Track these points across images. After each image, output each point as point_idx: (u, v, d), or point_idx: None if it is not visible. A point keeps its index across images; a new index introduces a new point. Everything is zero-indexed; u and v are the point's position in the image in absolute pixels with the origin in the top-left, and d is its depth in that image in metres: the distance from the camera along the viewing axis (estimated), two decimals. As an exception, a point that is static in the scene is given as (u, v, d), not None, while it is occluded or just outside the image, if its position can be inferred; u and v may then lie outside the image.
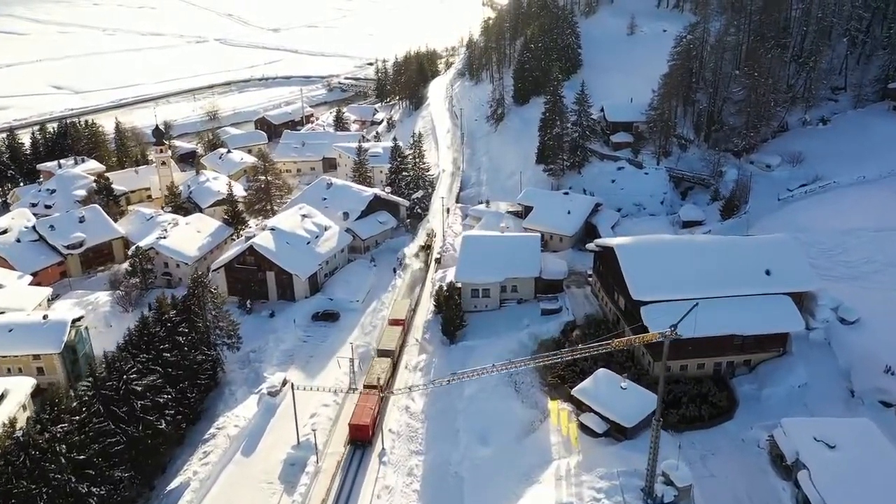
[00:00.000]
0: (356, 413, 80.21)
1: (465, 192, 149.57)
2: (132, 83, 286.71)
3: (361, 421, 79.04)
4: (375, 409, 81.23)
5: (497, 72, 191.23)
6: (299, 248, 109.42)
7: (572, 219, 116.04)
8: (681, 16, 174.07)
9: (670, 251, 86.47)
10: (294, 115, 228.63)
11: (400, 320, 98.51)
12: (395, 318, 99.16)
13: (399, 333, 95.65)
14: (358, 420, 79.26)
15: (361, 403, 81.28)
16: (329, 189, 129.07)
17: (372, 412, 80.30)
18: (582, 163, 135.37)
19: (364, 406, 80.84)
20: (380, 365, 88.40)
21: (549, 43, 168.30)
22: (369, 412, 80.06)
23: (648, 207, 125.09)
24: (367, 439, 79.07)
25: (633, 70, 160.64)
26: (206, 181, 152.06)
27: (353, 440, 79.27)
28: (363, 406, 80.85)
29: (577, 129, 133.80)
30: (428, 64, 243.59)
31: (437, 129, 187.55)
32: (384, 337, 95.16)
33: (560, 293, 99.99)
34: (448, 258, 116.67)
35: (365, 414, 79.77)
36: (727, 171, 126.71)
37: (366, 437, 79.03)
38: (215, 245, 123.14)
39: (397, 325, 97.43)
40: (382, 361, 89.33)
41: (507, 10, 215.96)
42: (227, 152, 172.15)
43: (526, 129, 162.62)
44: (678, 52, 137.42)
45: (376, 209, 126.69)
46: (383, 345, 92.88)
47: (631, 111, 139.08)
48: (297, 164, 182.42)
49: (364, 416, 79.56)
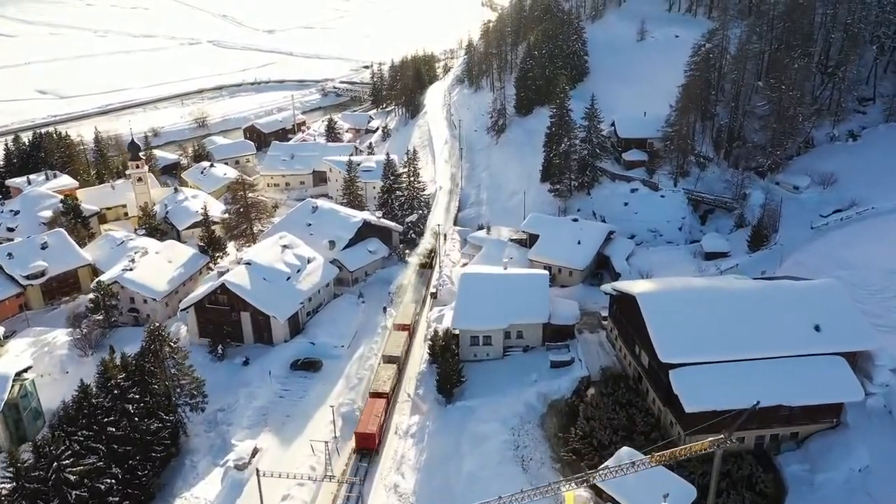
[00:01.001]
0: (362, 421, 76.67)
1: (463, 212, 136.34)
2: (120, 87, 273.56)
3: (368, 429, 75.20)
4: (382, 417, 77.66)
5: (498, 79, 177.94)
6: (278, 284, 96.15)
7: (583, 250, 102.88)
8: (694, 21, 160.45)
9: (702, 301, 73.21)
10: (285, 123, 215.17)
11: (406, 325, 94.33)
12: (401, 323, 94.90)
13: (405, 339, 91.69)
14: (364, 428, 75.43)
15: (367, 411, 77.91)
16: (314, 213, 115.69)
17: (378, 420, 76.63)
18: (591, 183, 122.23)
19: (370, 414, 77.12)
20: (385, 371, 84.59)
21: (554, 49, 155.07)
22: (375, 420, 76.25)
23: (665, 234, 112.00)
24: (374, 448, 75.21)
25: (645, 79, 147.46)
26: (184, 200, 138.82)
27: (360, 449, 75.23)
28: (369, 414, 77.23)
29: (587, 146, 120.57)
30: (425, 69, 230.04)
31: (434, 141, 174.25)
32: (390, 342, 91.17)
33: (571, 340, 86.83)
34: (445, 292, 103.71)
35: (371, 422, 75.93)
36: (751, 193, 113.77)
37: (372, 446, 75.08)
38: (188, 276, 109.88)
39: (403, 331, 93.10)
40: (388, 368, 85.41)
41: (509, 14, 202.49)
42: (210, 166, 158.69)
43: (529, 142, 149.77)
44: (696, 63, 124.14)
45: (366, 236, 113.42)
46: (389, 351, 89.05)
47: (645, 126, 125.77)
48: (286, 178, 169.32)
49: (370, 424, 75.77)
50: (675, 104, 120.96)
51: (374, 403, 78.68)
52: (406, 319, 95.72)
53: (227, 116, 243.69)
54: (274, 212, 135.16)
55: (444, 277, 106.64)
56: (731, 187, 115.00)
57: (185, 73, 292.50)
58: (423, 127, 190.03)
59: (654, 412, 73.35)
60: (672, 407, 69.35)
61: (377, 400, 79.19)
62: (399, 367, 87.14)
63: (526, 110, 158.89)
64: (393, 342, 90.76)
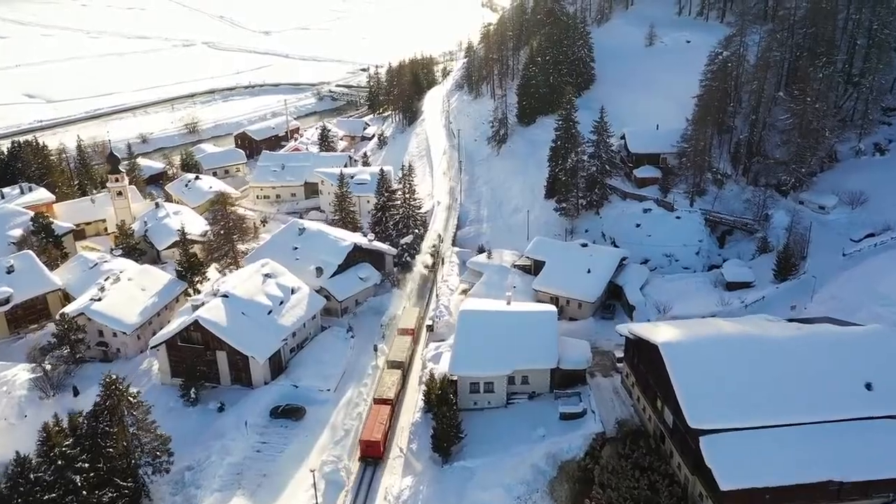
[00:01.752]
0: (367, 428, 74.23)
1: (462, 230, 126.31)
2: (110, 91, 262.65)
3: (373, 437, 72.77)
4: (387, 424, 75.04)
5: (499, 86, 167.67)
6: (258, 320, 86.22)
7: (593, 279, 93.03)
8: (706, 25, 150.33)
9: (735, 353, 63.40)
10: (278, 130, 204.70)
11: (410, 329, 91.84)
12: (405, 328, 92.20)
13: (409, 343, 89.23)
14: (369, 436, 73.00)
15: (372, 417, 75.35)
16: (301, 236, 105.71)
17: (383, 427, 74.06)
18: (600, 202, 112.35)
19: (375, 421, 74.50)
20: (390, 377, 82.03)
21: (558, 56, 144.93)
22: (381, 427, 73.69)
23: (682, 259, 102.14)
24: (380, 456, 72.72)
25: (655, 88, 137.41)
26: (165, 216, 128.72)
27: (365, 457, 72.81)
28: (374, 421, 74.62)
29: (595, 162, 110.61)
30: (423, 73, 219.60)
31: (432, 151, 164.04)
32: (394, 347, 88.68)
33: (583, 386, 77.03)
34: (443, 325, 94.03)
35: (376, 430, 73.38)
36: (774, 214, 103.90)
37: (377, 454, 72.73)
38: (164, 305, 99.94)
39: (407, 335, 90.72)
40: (393, 373, 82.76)
41: (510, 16, 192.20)
42: (195, 178, 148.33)
43: (532, 154, 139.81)
44: (712, 72, 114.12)
45: (356, 261, 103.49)
46: (393, 356, 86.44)
47: (658, 141, 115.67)
48: (276, 190, 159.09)
49: (376, 431, 73.22)
50: (692, 118, 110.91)
51: (378, 410, 76.05)
52: (410, 324, 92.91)
53: (219, 122, 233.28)
54: (258, 232, 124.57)
55: (441, 308, 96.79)
56: (751, 207, 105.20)
57: (179, 76, 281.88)
58: (420, 135, 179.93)
59: (679, 479, 63.51)
60: (702, 476, 59.62)
61: (382, 406, 76.56)
62: (404, 372, 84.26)
63: (528, 119, 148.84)
64: (397, 347, 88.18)
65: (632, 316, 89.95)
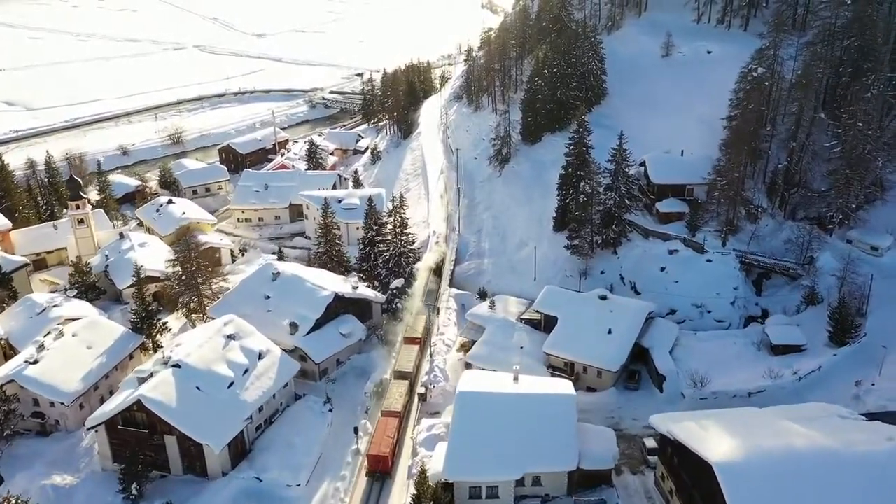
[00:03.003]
0: (375, 442, 70.74)
1: (462, 265, 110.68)
2: (94, 98, 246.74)
3: (381, 451, 69.55)
4: (395, 438, 71.66)
5: (501, 99, 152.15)
6: (217, 396, 70.82)
7: (615, 342, 77.54)
8: (728, 34, 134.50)
9: (811, 479, 47.99)
10: (265, 143, 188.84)
11: (416, 338, 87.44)
12: (412, 337, 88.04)
13: (416, 353, 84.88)
14: (377, 451, 69.69)
15: (380, 431, 71.84)
16: (275, 282, 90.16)
17: (391, 441, 70.79)
18: (618, 240, 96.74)
19: (383, 435, 71.18)
20: (397, 388, 78.50)
21: (566, 68, 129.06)
22: (388, 441, 70.50)
23: (715, 310, 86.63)
24: (388, 471, 69.47)
25: (674, 104, 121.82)
26: (129, 249, 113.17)
27: (372, 472, 69.44)
28: (382, 434, 71.26)
29: (613, 195, 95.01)
30: (420, 82, 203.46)
31: (429, 169, 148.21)
32: (400, 357, 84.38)
33: (608, 488, 61.69)
34: (438, 394, 78.70)
35: (384, 444, 70.20)
36: (819, 256, 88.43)
37: (385, 469, 69.45)
38: (114, 365, 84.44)
39: (414, 344, 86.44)
40: (400, 384, 79.27)
41: (512, 22, 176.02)
42: (168, 202, 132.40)
43: (538, 177, 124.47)
44: (746, 92, 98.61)
45: (338, 312, 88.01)
46: (400, 366, 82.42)
47: (683, 169, 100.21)
48: (259, 213, 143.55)
49: (383, 445, 70.07)
50: (724, 144, 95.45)
51: (386, 423, 72.71)
52: (416, 333, 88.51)
53: (205, 131, 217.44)
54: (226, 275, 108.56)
55: (437, 371, 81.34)
56: (793, 248, 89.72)
57: (167, 81, 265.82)
58: (416, 150, 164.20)
59: None
60: None
61: (389, 419, 73.20)
62: (411, 382, 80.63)
63: (534, 138, 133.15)
64: (404, 357, 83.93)
65: (661, 387, 74.66)
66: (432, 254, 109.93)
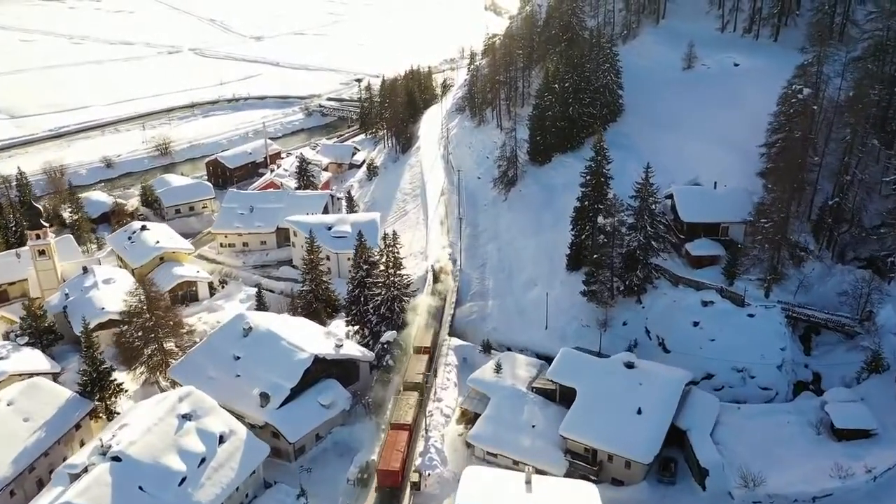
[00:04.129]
0: (385, 456, 66.97)
1: (463, 307, 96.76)
2: (82, 105, 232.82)
3: (391, 466, 65.70)
4: (405, 452, 67.80)
5: (507, 113, 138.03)
6: (164, 496, 57.08)
7: (647, 425, 63.47)
8: (755, 45, 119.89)
9: None
10: (255, 156, 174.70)
11: (426, 348, 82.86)
12: (421, 346, 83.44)
13: (426, 363, 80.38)
14: (387, 465, 65.90)
15: (389, 444, 68.19)
16: (247, 338, 76.32)
17: (401, 455, 66.96)
18: (643, 286, 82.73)
19: (392, 448, 67.52)
20: (407, 400, 74.24)
21: (579, 82, 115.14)
22: (398, 455, 66.77)
23: (759, 376, 72.81)
24: (398, 485, 65.54)
25: (700, 124, 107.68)
26: (92, 286, 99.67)
27: (383, 488, 65.39)
28: (391, 448, 67.58)
29: (637, 236, 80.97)
30: (420, 90, 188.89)
31: (428, 190, 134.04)
32: (409, 368, 79.53)
33: None
34: (434, 482, 64.88)
35: (394, 458, 66.45)
36: (880, 310, 74.48)
37: (396, 484, 65.48)
38: (56, 439, 70.79)
39: (423, 354, 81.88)
40: (410, 396, 74.99)
41: (518, 28, 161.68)
42: (142, 228, 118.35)
43: (548, 203, 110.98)
44: (789, 115, 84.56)
45: (318, 376, 74.17)
46: (409, 377, 77.93)
47: (716, 204, 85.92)
48: (243, 238, 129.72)
49: (394, 460, 66.23)
50: (767, 180, 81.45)
51: (396, 436, 69.14)
52: (425, 342, 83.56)
53: (195, 141, 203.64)
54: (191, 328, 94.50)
55: (432, 452, 67.55)
56: (848, 300, 75.70)
57: (159, 86, 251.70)
58: (415, 167, 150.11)
59: None
60: None
61: (399, 432, 69.58)
62: (421, 394, 76.17)
63: (543, 158, 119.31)
64: (413, 367, 79.38)
65: (703, 483, 60.72)
66: (429, 296, 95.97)
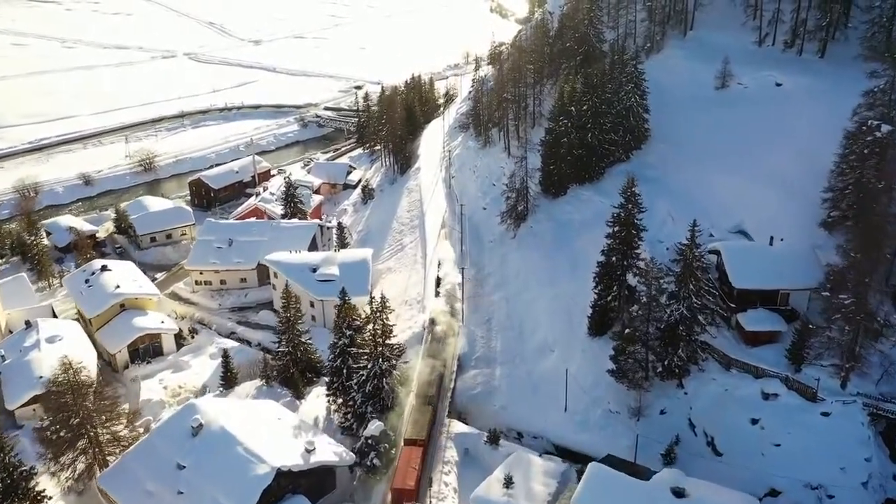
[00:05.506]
0: (398, 474, 62.57)
1: (465, 376, 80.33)
2: (67, 114, 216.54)
3: (406, 485, 61.37)
4: (419, 469, 63.29)
5: (515, 136, 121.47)
6: None
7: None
8: (799, 62, 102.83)
9: None
10: (242, 174, 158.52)
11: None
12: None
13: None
14: (402, 484, 61.53)
15: (404, 461, 63.90)
16: (195, 439, 60.03)
17: (416, 472, 62.68)
18: (685, 367, 66.22)
19: (407, 465, 63.16)
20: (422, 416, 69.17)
21: (599, 105, 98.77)
22: (413, 473, 62.45)
23: (839, 495, 56.28)
24: None
25: (738, 154, 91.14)
26: (33, 346, 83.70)
27: None
28: (406, 465, 63.27)
29: (681, 308, 64.43)
30: (421, 104, 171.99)
31: (427, 223, 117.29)
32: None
33: None
34: None
35: (409, 475, 62.12)
36: None
37: (411, 502, 60.73)
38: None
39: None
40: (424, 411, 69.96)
41: (528, 38, 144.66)
42: (101, 270, 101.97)
43: (563, 243, 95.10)
44: (861, 154, 68.02)
45: (284, 492, 57.80)
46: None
47: (774, 267, 68.86)
48: (220, 275, 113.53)
49: (408, 478, 61.91)
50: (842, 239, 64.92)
51: (410, 452, 64.81)
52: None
53: (182, 156, 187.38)
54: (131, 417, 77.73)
55: None
56: (944, 393, 59.29)
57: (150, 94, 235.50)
58: (413, 192, 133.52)
59: None
60: None
61: (413, 448, 65.24)
62: (435, 408, 71.63)
63: (556, 190, 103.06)
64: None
65: None
66: (426, 360, 79.67)
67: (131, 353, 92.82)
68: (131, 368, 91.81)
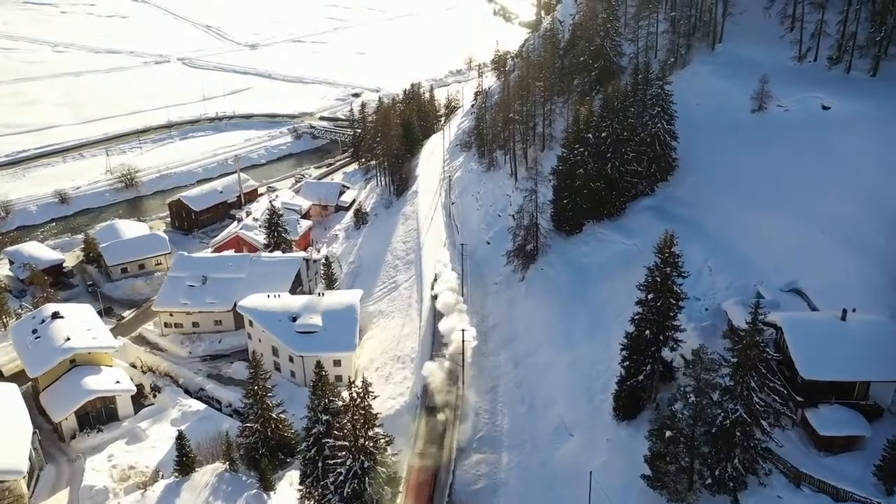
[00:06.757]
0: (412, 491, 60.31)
1: (465, 464, 66.21)
2: (49, 125, 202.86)
3: None
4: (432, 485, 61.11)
5: (524, 161, 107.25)
6: None
7: None
8: (848, 81, 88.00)
9: None
10: (227, 194, 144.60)
11: None
12: None
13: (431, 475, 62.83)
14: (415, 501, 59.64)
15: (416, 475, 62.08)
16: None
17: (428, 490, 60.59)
18: (741, 479, 51.83)
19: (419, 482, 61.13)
20: None
21: (621, 131, 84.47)
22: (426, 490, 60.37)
23: None
24: None
25: (783, 192, 76.41)
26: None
27: None
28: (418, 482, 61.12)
29: (738, 408, 50.04)
30: (419, 118, 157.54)
31: (424, 261, 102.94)
32: None
33: None
34: None
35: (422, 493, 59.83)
36: None
37: None
38: None
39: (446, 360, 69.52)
40: None
41: (536, 50, 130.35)
42: (52, 318, 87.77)
43: (579, 292, 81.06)
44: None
45: None
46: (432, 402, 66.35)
47: (853, 349, 53.81)
48: (192, 317, 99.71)
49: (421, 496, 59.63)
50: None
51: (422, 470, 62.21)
52: None
53: (166, 170, 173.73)
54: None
55: None
56: None
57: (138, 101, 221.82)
58: (410, 219, 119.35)
59: None
60: None
61: None
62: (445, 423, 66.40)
63: (571, 227, 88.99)
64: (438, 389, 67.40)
65: None
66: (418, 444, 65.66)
67: (80, 419, 79.14)
68: (78, 438, 78.01)
